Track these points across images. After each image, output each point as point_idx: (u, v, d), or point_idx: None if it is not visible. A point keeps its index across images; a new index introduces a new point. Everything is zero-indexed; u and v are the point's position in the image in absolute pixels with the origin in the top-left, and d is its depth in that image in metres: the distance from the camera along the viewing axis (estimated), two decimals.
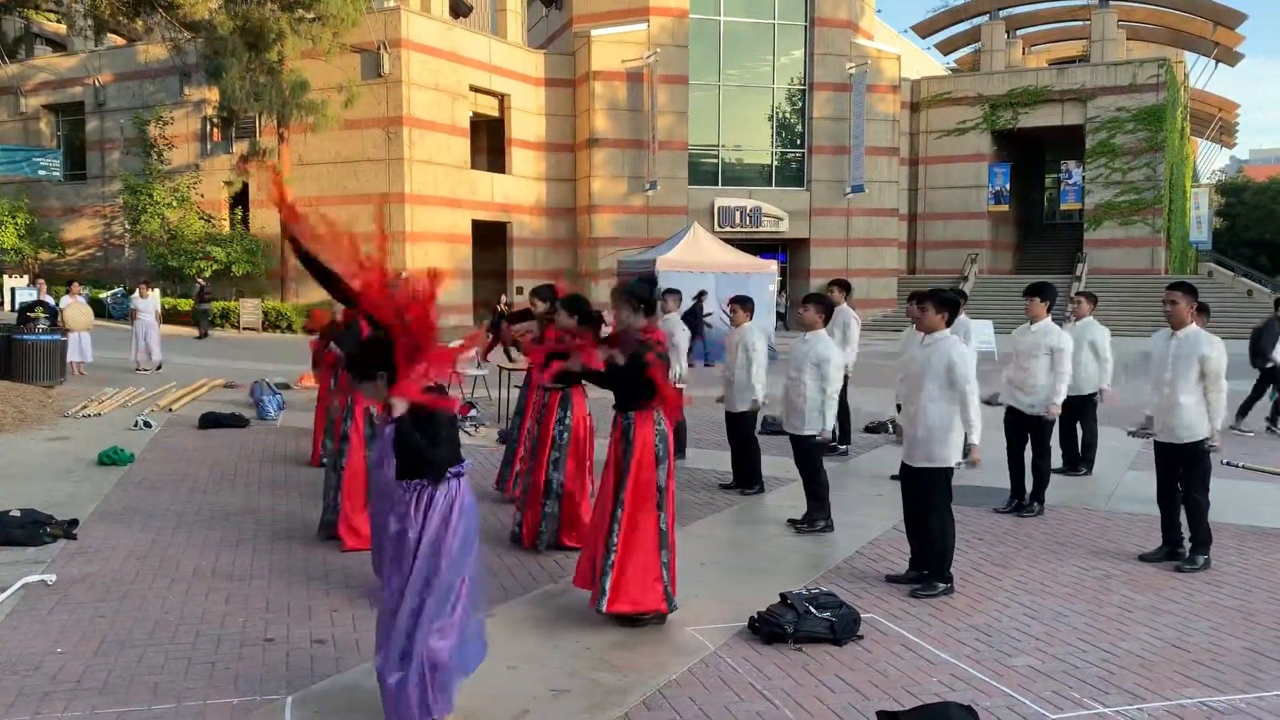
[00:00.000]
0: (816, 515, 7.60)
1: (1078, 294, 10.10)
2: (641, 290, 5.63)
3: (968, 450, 6.12)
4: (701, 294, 22.37)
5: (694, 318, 21.02)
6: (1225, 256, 52.56)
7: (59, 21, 39.35)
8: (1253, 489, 9.10)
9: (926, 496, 6.11)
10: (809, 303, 7.63)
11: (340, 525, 6.92)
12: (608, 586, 5.27)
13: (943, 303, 6.15)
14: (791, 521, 7.65)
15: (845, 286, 10.77)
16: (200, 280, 29.02)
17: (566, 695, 4.54)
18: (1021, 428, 8.32)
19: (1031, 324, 8.31)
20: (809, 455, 7.63)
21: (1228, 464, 8.67)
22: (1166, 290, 6.80)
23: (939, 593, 6.04)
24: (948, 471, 6.07)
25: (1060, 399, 8.10)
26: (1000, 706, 4.50)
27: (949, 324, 6.22)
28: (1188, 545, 6.77)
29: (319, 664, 4.85)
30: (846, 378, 10.52)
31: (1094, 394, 9.57)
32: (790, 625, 5.19)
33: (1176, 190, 43.19)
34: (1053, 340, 8.11)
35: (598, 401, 6.81)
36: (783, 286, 33.44)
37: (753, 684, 4.70)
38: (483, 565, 4.39)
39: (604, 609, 5.28)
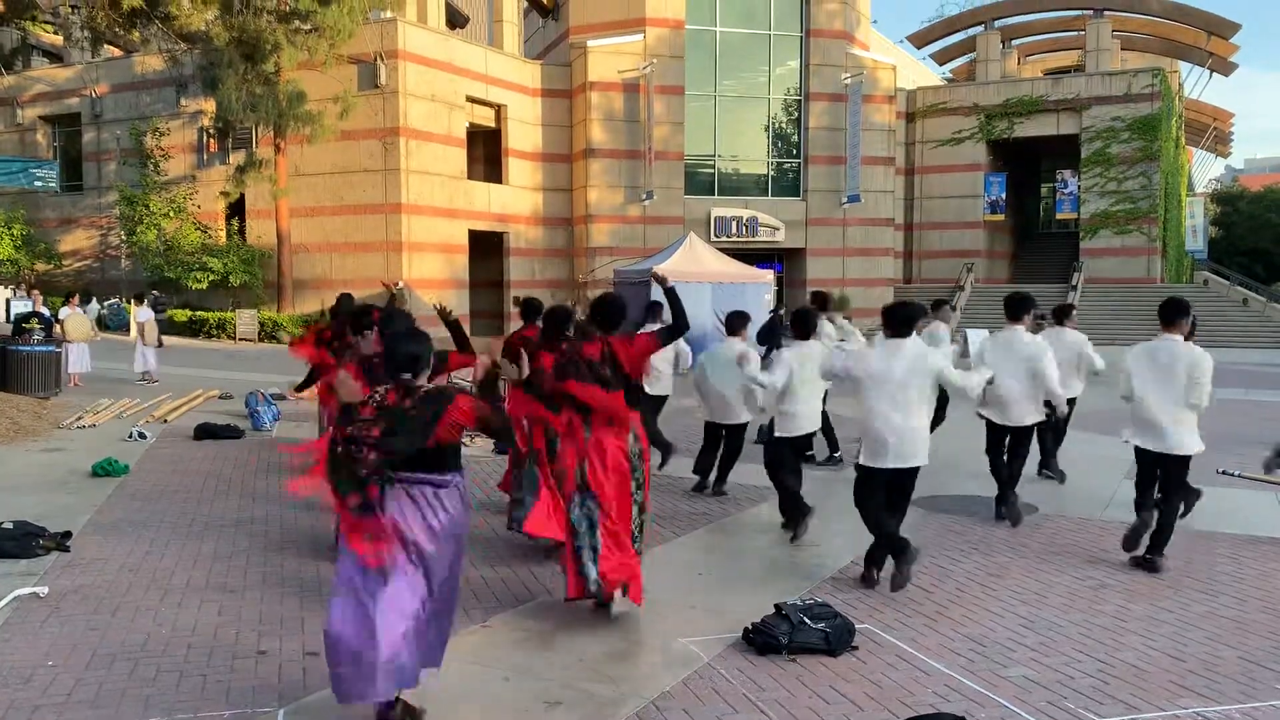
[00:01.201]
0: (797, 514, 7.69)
1: (1058, 308, 10.11)
2: (602, 309, 5.90)
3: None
4: (778, 309, 22.65)
5: (772, 333, 21.04)
6: (1221, 265, 52.66)
7: (56, 33, 39.33)
8: (1248, 498, 9.10)
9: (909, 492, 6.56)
10: (793, 321, 7.89)
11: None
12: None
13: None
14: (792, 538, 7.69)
15: (821, 301, 10.84)
16: (154, 290, 29.09)
17: (560, 707, 4.53)
18: (1001, 437, 8.32)
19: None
20: (800, 455, 7.90)
21: (1223, 473, 8.67)
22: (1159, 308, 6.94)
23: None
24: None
25: (1059, 400, 8.10)
26: (995, 718, 4.48)
27: (897, 334, 6.34)
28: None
29: (311, 677, 4.83)
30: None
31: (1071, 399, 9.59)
32: (785, 636, 5.18)
33: (1172, 199, 43.29)
34: (1029, 350, 8.09)
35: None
36: (780, 300, 33.39)
37: (747, 695, 4.68)
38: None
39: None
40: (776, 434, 7.70)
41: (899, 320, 6.35)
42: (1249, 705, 4.65)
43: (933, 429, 9.41)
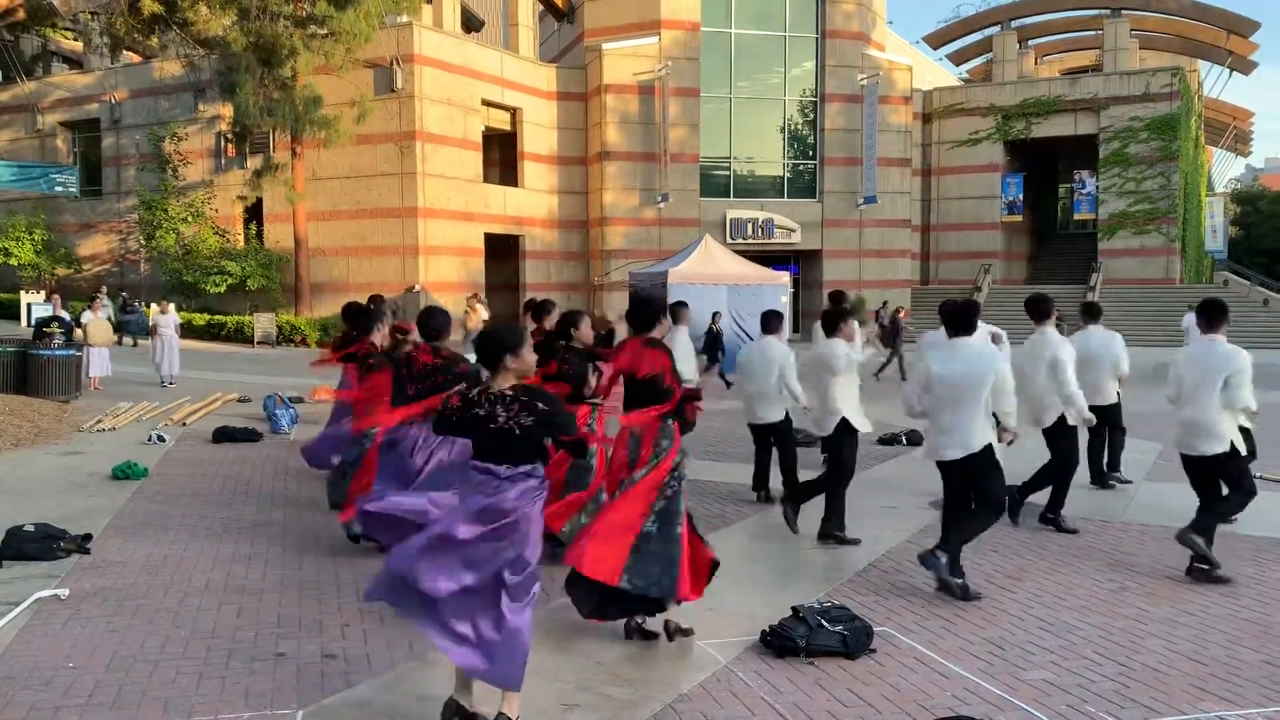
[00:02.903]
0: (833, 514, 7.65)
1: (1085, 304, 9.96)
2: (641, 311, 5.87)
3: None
4: (897, 310, 23.72)
5: (895, 334, 21.58)
6: (1241, 265, 52.30)
7: (75, 39, 39.71)
8: (1270, 500, 9.01)
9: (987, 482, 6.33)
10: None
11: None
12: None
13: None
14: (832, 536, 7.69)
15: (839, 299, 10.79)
16: (124, 293, 29.28)
17: (577, 709, 4.53)
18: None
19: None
20: (840, 448, 7.73)
21: None
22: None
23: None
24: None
25: (1067, 408, 8.01)
26: None
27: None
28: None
29: (329, 679, 4.85)
30: None
31: (1114, 404, 9.44)
32: (802, 639, 5.16)
33: (1191, 199, 43.00)
34: (1051, 351, 8.01)
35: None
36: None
37: (764, 698, 4.67)
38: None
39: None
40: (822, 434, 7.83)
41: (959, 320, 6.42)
42: (1271, 709, 4.60)
43: None
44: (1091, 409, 8.49)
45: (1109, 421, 9.45)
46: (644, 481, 5.40)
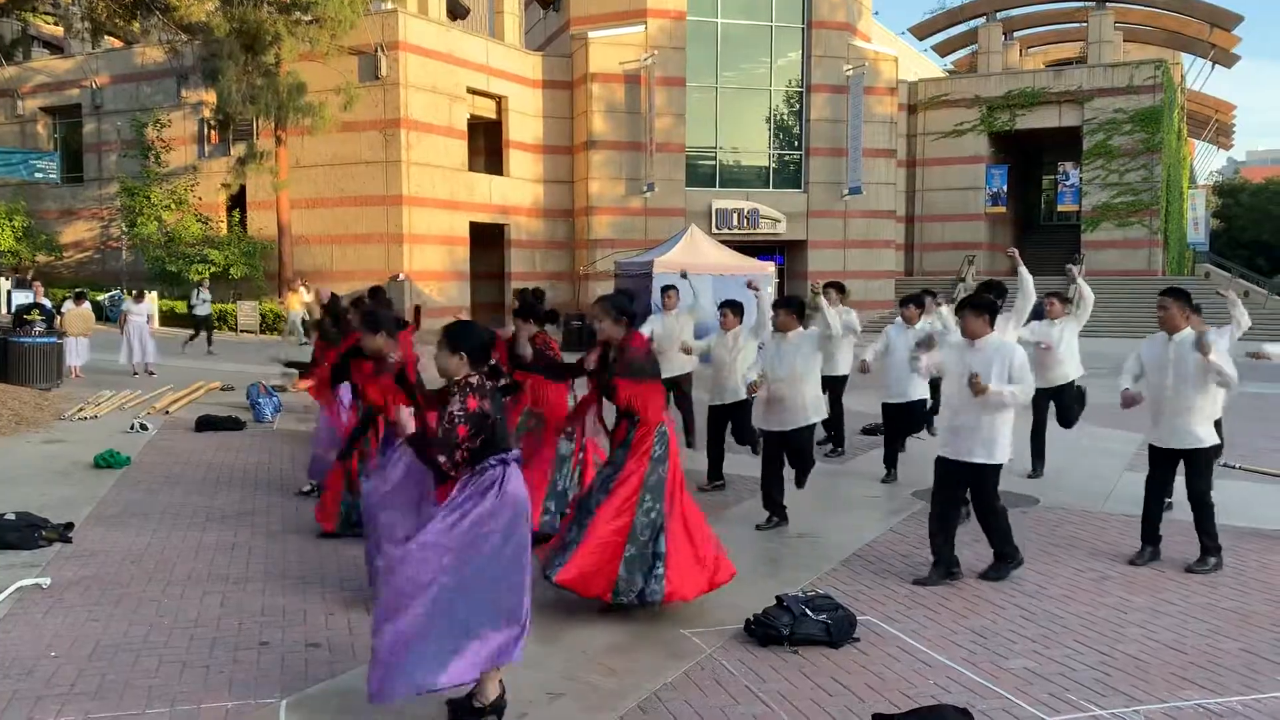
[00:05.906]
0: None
1: (1048, 295, 9.94)
2: (621, 302, 5.85)
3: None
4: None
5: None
6: (1222, 258, 52.64)
7: (56, 24, 39.30)
8: (1249, 490, 9.10)
9: (982, 489, 6.44)
10: (782, 307, 7.81)
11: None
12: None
13: (981, 308, 6.41)
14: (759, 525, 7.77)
15: (839, 288, 10.80)
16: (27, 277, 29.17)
17: (562, 699, 4.53)
18: None
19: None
20: (803, 449, 7.76)
21: (1224, 465, 8.65)
22: (1159, 296, 6.82)
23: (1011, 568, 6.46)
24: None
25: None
26: (996, 709, 4.49)
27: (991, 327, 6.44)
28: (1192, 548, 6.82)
29: (313, 668, 4.84)
30: (845, 379, 10.69)
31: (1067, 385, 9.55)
32: (786, 628, 5.18)
33: (1173, 192, 43.22)
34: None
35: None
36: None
37: (749, 687, 4.69)
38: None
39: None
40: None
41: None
42: (1250, 697, 4.65)
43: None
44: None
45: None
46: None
